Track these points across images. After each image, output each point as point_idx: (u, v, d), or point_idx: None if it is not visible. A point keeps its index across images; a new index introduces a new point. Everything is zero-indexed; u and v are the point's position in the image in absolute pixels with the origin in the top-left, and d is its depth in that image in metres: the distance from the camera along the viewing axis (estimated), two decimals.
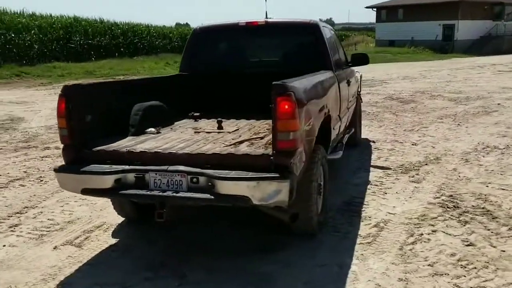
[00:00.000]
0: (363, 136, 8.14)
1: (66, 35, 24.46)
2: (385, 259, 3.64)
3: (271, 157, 3.22)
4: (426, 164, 6.24)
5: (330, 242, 3.97)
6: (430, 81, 17.89)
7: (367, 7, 47.67)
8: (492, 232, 4.06)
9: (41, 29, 22.98)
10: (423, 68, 24.70)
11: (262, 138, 3.87)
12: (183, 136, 4.10)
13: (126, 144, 3.79)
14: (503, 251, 3.71)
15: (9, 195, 5.37)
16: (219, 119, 4.47)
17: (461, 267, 3.48)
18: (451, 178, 5.59)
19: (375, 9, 47.11)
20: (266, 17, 5.73)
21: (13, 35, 20.92)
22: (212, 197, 3.18)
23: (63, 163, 3.67)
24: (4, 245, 4.05)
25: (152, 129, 4.26)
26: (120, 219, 4.51)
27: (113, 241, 4.12)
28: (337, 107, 4.86)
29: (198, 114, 5.07)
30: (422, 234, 4.07)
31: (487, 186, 5.27)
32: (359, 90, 7.86)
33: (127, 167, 3.42)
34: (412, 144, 7.43)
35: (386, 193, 5.15)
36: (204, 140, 3.89)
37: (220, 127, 4.38)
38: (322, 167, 4.20)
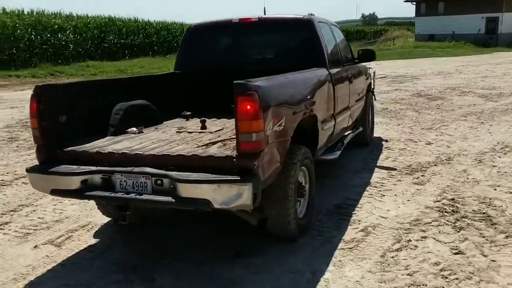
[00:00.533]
0: (377, 134, 7.89)
1: (101, 35, 25.03)
2: (363, 267, 3.45)
3: (234, 159, 3.10)
4: (435, 165, 5.93)
5: (310, 247, 3.80)
6: (465, 77, 17.16)
7: (406, 1, 46.32)
8: (486, 240, 3.79)
9: (76, 29, 23.60)
10: (460, 63, 23.76)
11: None
12: (162, 136, 4.03)
13: (101, 144, 3.75)
14: (493, 261, 3.44)
15: (10, 192, 5.47)
16: (202, 118, 4.37)
17: (442, 278, 3.24)
18: (457, 180, 5.29)
19: (414, 3, 45.71)
20: (264, 14, 5.60)
21: (49, 35, 21.56)
22: (173, 200, 3.10)
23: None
24: None
25: (134, 129, 4.21)
26: (107, 219, 4.50)
27: (93, 241, 4.10)
28: (329, 106, 4.66)
29: (189, 113, 5.00)
30: (410, 241, 3.84)
31: (495, 190, 4.95)
32: (372, 87, 7.60)
33: (93, 168, 3.38)
34: (426, 144, 7.10)
35: (383, 196, 4.92)
36: (180, 141, 3.81)
37: (203, 126, 4.29)
38: (306, 168, 4.05)
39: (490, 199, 4.68)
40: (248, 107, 3.01)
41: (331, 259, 3.59)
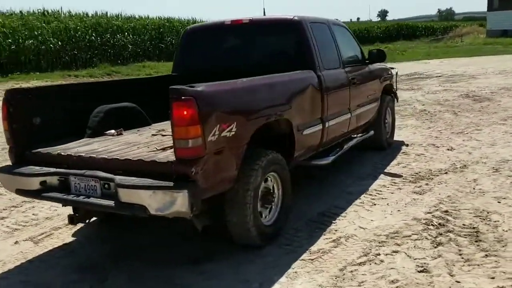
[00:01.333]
0: (402, 138, 7.53)
1: (158, 36, 25.79)
2: (316, 280, 3.30)
3: (173, 165, 3.07)
4: (446, 173, 5.56)
5: (272, 256, 3.69)
6: None
7: None
8: (462, 258, 3.49)
9: (135, 31, 24.48)
10: None
11: None
12: (134, 139, 4.07)
13: (73, 146, 3.86)
14: (458, 282, 3.16)
15: None
16: None
17: None
18: (462, 191, 4.92)
19: None
20: (264, 15, 5.51)
21: (108, 36, 22.56)
22: (113, 204, 3.13)
23: None
24: None
25: (112, 131, 4.29)
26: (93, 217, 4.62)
27: (70, 239, 4.23)
28: (314, 109, 4.49)
29: None
30: (378, 254, 3.62)
31: (499, 202, 4.55)
32: (394, 88, 7.28)
33: (52, 170, 3.49)
34: (448, 149, 6.67)
35: (374, 205, 4.68)
36: (145, 144, 3.84)
37: None
38: (277, 174, 3.94)
39: (488, 212, 4.31)
40: (185, 112, 2.97)
41: (287, 270, 3.47)
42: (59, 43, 20.17)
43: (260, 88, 3.72)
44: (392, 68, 7.36)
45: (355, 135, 6.04)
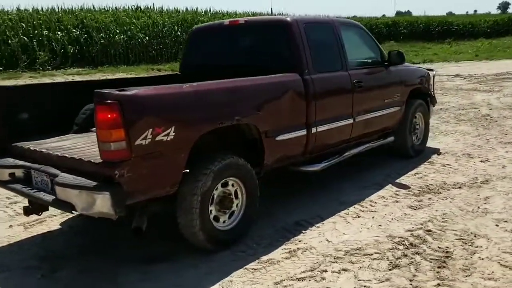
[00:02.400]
0: (441, 145, 7.00)
1: None
2: None
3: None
4: (459, 187, 5.07)
5: (219, 262, 3.66)
6: None
7: None
8: (411, 284, 3.20)
9: None
10: None
11: None
12: None
13: (48, 141, 4.11)
14: None
15: None
16: None
17: None
18: (463, 209, 4.47)
19: None
20: (271, 14, 5.41)
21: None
22: (51, 200, 3.32)
23: None
24: None
25: None
26: None
27: (55, 227, 4.53)
28: (295, 115, 4.33)
29: None
30: (325, 271, 3.43)
31: (496, 225, 4.07)
32: (431, 91, 6.78)
33: (20, 163, 3.78)
34: (481, 161, 6.05)
35: (358, 217, 4.43)
36: None
37: None
38: (239, 180, 3.90)
39: (475, 236, 3.88)
40: (108, 116, 3.04)
41: (225, 278, 3.42)
42: (147, 38, 21.34)
43: (209, 93, 3.66)
44: (430, 70, 6.84)
45: (375, 142, 5.73)
